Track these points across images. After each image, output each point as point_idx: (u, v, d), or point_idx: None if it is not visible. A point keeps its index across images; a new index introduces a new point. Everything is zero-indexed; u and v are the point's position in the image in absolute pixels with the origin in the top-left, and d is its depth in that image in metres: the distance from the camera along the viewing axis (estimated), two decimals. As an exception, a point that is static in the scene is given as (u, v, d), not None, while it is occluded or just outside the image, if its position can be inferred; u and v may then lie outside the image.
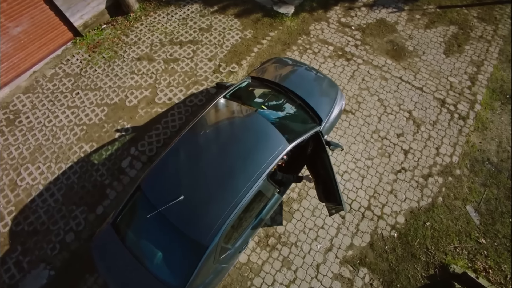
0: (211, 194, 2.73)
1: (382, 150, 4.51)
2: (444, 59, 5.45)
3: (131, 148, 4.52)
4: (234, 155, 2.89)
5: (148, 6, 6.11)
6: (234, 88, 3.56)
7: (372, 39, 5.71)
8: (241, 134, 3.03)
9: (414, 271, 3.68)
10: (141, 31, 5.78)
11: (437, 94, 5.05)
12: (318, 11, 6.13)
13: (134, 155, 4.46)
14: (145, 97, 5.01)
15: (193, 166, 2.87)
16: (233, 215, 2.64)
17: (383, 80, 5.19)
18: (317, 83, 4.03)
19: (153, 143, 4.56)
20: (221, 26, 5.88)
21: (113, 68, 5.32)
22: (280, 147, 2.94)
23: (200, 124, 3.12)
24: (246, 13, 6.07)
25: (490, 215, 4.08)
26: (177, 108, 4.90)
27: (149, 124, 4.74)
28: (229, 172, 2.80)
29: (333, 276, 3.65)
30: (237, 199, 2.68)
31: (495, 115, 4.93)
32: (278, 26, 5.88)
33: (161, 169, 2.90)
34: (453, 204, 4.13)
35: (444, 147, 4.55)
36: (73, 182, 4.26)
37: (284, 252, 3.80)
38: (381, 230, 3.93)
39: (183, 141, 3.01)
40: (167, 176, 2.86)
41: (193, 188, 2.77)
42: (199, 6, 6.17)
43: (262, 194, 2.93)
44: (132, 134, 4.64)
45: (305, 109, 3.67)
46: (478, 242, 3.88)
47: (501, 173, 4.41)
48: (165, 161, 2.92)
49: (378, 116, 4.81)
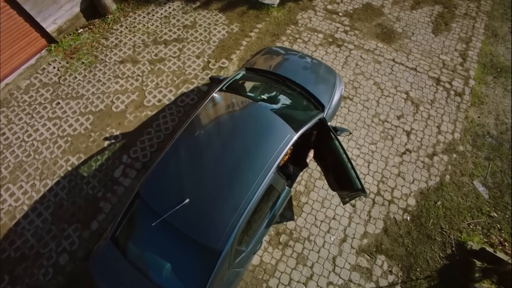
0: (219, 194, 2.50)
1: (384, 134, 4.42)
2: (433, 38, 5.44)
3: (123, 156, 4.21)
4: (239, 149, 2.68)
5: (126, 6, 5.79)
6: (229, 80, 3.34)
7: (360, 24, 5.63)
8: (244, 127, 2.82)
9: (431, 252, 3.58)
10: (121, 33, 5.46)
11: (431, 73, 5.02)
12: (303, 0, 6.00)
13: (127, 163, 4.16)
14: (132, 101, 4.70)
15: (196, 165, 2.64)
16: (246, 213, 2.42)
17: (376, 63, 5.11)
18: (314, 70, 3.88)
19: (146, 148, 4.27)
20: (205, 22, 5.64)
21: (95, 73, 4.97)
22: (287, 137, 2.75)
23: (198, 120, 2.89)
24: (230, 6, 5.86)
25: (497, 188, 4.06)
26: (168, 109, 4.62)
27: (140, 128, 4.44)
28: (236, 168, 2.59)
29: (351, 268, 3.50)
30: (248, 195, 2.47)
31: (489, 89, 4.96)
32: (265, 18, 5.71)
33: (160, 172, 2.65)
34: (460, 181, 4.08)
35: (444, 124, 4.51)
36: (62, 198, 3.90)
37: (298, 248, 3.62)
38: (394, 214, 3.82)
39: (181, 140, 2.76)
40: (168, 179, 2.61)
41: (198, 189, 2.53)
42: (180, 3, 5.90)
43: (273, 188, 2.73)
44: (123, 141, 4.33)
45: (306, 97, 3.50)
46: (490, 216, 3.84)
47: (502, 146, 4.41)
48: (164, 164, 2.67)
49: (376, 100, 4.72)
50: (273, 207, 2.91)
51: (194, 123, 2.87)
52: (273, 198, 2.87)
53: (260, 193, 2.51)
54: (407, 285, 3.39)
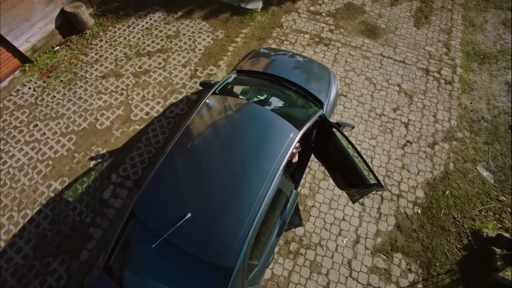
0: (224, 204, 2.26)
1: (383, 127, 4.33)
2: (416, 31, 5.54)
3: (111, 175, 3.88)
4: (241, 154, 2.46)
5: (105, 20, 5.58)
6: (220, 84, 3.16)
7: (344, 22, 5.68)
8: (243, 129, 2.62)
9: (448, 244, 3.43)
10: (101, 48, 5.22)
11: (419, 64, 5.06)
12: (286, 3, 6.01)
13: (117, 182, 3.83)
14: (118, 116, 4.42)
15: (195, 175, 2.39)
16: (256, 223, 2.18)
17: (365, 59, 5.11)
18: (306, 67, 3.78)
19: (137, 165, 3.97)
20: (189, 30, 5.51)
21: (75, 91, 4.67)
22: (291, 135, 2.57)
23: (193, 127, 2.66)
24: (213, 14, 5.78)
25: (501, 171, 4.02)
26: (157, 122, 4.37)
27: (128, 144, 4.14)
28: (239, 174, 2.36)
29: (368, 270, 3.28)
30: (256, 203, 2.24)
31: (476, 75, 5.03)
32: (249, 23, 5.65)
33: (155, 187, 2.38)
34: (464, 168, 4.01)
35: (440, 113, 4.49)
36: (44, 229, 3.50)
37: (310, 255, 3.38)
38: (404, 208, 3.67)
39: (176, 150, 2.52)
40: (164, 194, 2.34)
41: (199, 201, 2.28)
42: (161, 14, 5.76)
43: (281, 192, 2.52)
44: (110, 159, 4.01)
45: (303, 95, 3.37)
46: (499, 201, 3.76)
47: (498, 129, 4.43)
48: (159, 177, 2.40)
49: (370, 95, 4.67)
50: (282, 213, 2.69)
51: (189, 130, 2.64)
52: (282, 203, 2.64)
53: (269, 199, 2.29)
54: (429, 282, 3.20)
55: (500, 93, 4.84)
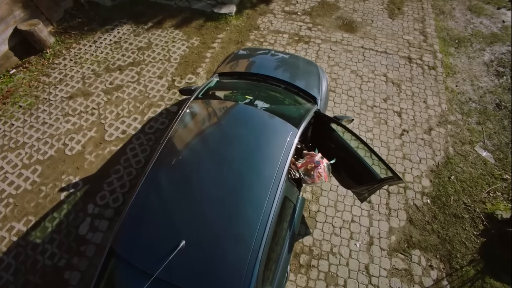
0: (224, 223, 1.90)
1: (377, 119, 4.17)
2: (392, 22, 5.57)
3: (87, 205, 3.38)
4: (237, 162, 2.13)
5: (67, 38, 5.13)
6: (202, 89, 2.82)
7: (321, 19, 5.61)
8: (235, 134, 2.30)
9: (465, 233, 3.23)
10: (65, 67, 4.74)
11: (401, 53, 5.03)
12: (260, 6, 5.88)
13: (94, 213, 3.32)
14: (91, 138, 3.94)
15: (184, 194, 2.02)
16: (265, 241, 1.83)
17: (347, 52, 5.01)
18: (292, 64, 3.56)
19: (117, 190, 3.49)
20: (162, 40, 5.18)
21: (38, 116, 4.14)
22: (290, 134, 2.27)
23: (176, 139, 2.30)
24: (186, 22, 5.50)
25: (498, 149, 3.96)
26: (136, 140, 3.93)
27: (105, 168, 3.66)
28: (238, 186, 2.02)
29: (388, 273, 2.99)
30: (262, 217, 1.89)
31: (455, 59, 5.08)
32: (224, 27, 5.43)
33: (137, 214, 1.97)
34: (464, 150, 3.91)
35: (430, 98, 4.43)
36: (7, 282, 2.91)
37: (323, 266, 3.04)
38: (413, 200, 3.46)
39: (158, 168, 2.14)
40: (149, 221, 1.94)
41: (194, 224, 1.90)
42: (130, 26, 5.40)
43: (287, 200, 2.19)
44: (85, 187, 3.51)
45: (293, 92, 3.12)
46: (504, 179, 3.66)
47: (486, 108, 4.42)
48: (139, 202, 2.00)
49: (358, 87, 4.53)
50: (291, 224, 2.35)
51: (171, 144, 2.27)
52: (289, 213, 2.31)
53: (276, 210, 1.95)
54: (454, 277, 2.96)
55: (481, 74, 4.89)
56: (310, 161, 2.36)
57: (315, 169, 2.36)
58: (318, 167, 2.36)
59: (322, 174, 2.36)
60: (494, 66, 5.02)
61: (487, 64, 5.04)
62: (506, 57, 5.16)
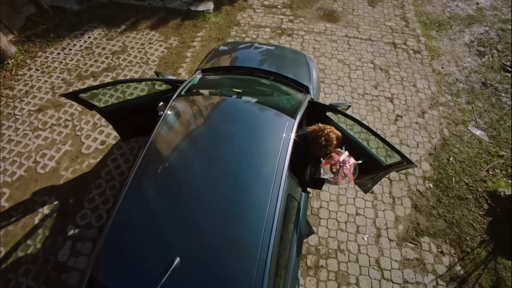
0: (223, 232, 1.65)
1: (369, 106, 4.07)
2: (372, 9, 5.54)
3: (67, 227, 3.02)
4: (232, 161, 1.90)
5: (32, 46, 4.70)
6: (184, 86, 2.55)
7: (302, 11, 5.48)
8: (227, 131, 2.06)
9: (471, 214, 3.15)
10: (31, 77, 4.32)
11: (385, 39, 4.98)
12: (238, 1, 5.68)
13: (75, 235, 2.97)
14: (66, 153, 3.57)
15: (175, 203, 1.76)
16: (271, 248, 1.60)
17: (332, 42, 4.91)
18: (279, 54, 3.37)
19: (99, 207, 3.15)
20: (137, 43, 4.86)
21: (2, 133, 3.72)
22: (286, 125, 2.07)
23: (160, 143, 2.03)
24: (162, 22, 5.21)
25: (490, 127, 3.95)
26: (117, 149, 3.60)
27: (84, 184, 3.31)
28: (235, 188, 1.79)
29: (400, 265, 2.85)
30: (267, 220, 1.67)
31: (438, 42, 5.09)
32: (203, 25, 5.18)
33: (120, 232, 1.69)
34: (458, 131, 3.87)
35: (419, 81, 4.38)
36: (-23, 325, 2.52)
37: (332, 266, 2.85)
38: (415, 186, 3.35)
39: (141, 177, 1.86)
40: (136, 238, 1.66)
41: (188, 237, 1.65)
42: (101, 30, 5.04)
43: (291, 198, 1.98)
44: (63, 207, 3.15)
45: (284, 83, 2.92)
46: (500, 156, 3.64)
47: (473, 87, 4.43)
48: (122, 218, 1.72)
49: (347, 76, 4.42)
50: (297, 224, 2.14)
51: (155, 148, 2.00)
52: (294, 212, 2.10)
53: (280, 211, 1.73)
54: (466, 261, 2.85)
55: (464, 54, 4.92)
56: (335, 159, 2.10)
57: (340, 168, 2.10)
58: (344, 167, 2.08)
59: (348, 175, 2.10)
60: (475, 46, 5.07)
61: (468, 45, 5.08)
62: (484, 37, 5.24)
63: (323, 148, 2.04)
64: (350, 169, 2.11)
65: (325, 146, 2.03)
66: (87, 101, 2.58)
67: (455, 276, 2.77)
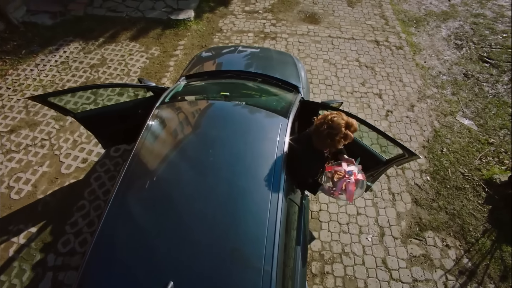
0: (221, 246, 1.49)
1: (359, 104, 4.04)
2: (352, 10, 5.63)
3: (47, 257, 2.73)
4: (225, 169, 1.75)
5: (1, 64, 4.42)
6: (168, 93, 2.39)
7: (283, 15, 5.50)
8: (218, 136, 1.92)
9: (470, 203, 3.11)
10: (1, 97, 4.04)
11: (367, 37, 5.05)
12: (219, 9, 5.64)
13: (57, 265, 2.69)
14: (43, 174, 3.29)
15: (165, 219, 1.58)
16: (276, 259, 1.45)
17: (316, 43, 4.92)
18: (265, 56, 3.31)
19: (83, 230, 2.89)
20: (117, 55, 4.68)
21: (-29, 158, 3.40)
22: (280, 125, 1.95)
23: (146, 154, 1.86)
24: (142, 32, 5.06)
25: (477, 115, 4.01)
26: (100, 167, 3.36)
27: (65, 207, 3.04)
28: (232, 198, 1.63)
29: (407, 263, 2.74)
30: (268, 230, 1.51)
31: (418, 37, 5.21)
32: (185, 33, 5.08)
33: (104, 257, 1.49)
34: (448, 122, 3.90)
35: (404, 76, 4.43)
36: None
37: (338, 271, 2.71)
38: (413, 180, 3.30)
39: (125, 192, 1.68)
40: (122, 262, 1.47)
41: (182, 255, 1.47)
42: (78, 44, 4.83)
43: (292, 203, 1.84)
44: (42, 235, 2.86)
45: (273, 84, 2.83)
46: (490, 143, 3.67)
47: (456, 79, 4.52)
48: (105, 241, 1.52)
49: (334, 75, 4.40)
50: (300, 232, 1.99)
51: (139, 160, 1.82)
52: (296, 218, 1.96)
53: (282, 218, 1.58)
54: (472, 252, 2.79)
55: (443, 48, 5.05)
56: (341, 168, 1.75)
57: (342, 179, 1.73)
58: (347, 178, 1.71)
59: (348, 190, 1.71)
60: (452, 40, 5.22)
61: (446, 39, 5.23)
62: (460, 31, 5.41)
63: (327, 138, 1.58)
64: (353, 185, 1.72)
65: (329, 135, 1.57)
66: (59, 106, 2.37)
67: (464, 270, 2.70)
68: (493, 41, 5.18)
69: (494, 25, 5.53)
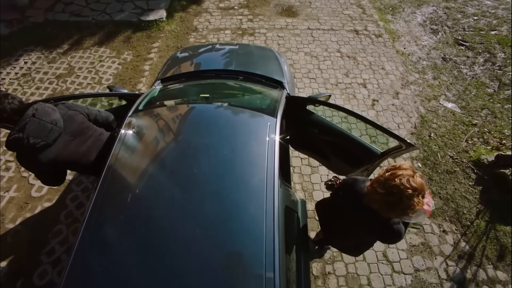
0: (218, 265, 1.32)
1: (345, 95, 3.97)
2: (328, 1, 5.57)
3: (21, 293, 2.45)
4: (213, 179, 1.58)
5: (-47, 81, 3.97)
6: (142, 99, 2.18)
7: (260, 9, 5.34)
8: (202, 144, 1.74)
9: (462, 186, 3.12)
10: (-44, 118, 3.60)
11: (346, 27, 5.00)
12: (192, 7, 5.39)
13: (34, 300, 2.41)
14: (10, 200, 2.97)
15: (145, 245, 1.39)
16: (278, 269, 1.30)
17: (296, 36, 4.80)
18: (244, 52, 3.13)
19: (62, 258, 2.62)
20: (86, 62, 4.34)
21: None
22: (268, 126, 1.80)
23: (120, 170, 1.64)
24: (111, 36, 4.73)
25: (459, 98, 4.05)
26: (76, 185, 3.08)
27: (39, 234, 2.75)
28: (222, 212, 1.46)
29: (408, 253, 2.70)
30: (266, 241, 1.36)
31: (395, 24, 5.23)
32: (158, 35, 4.80)
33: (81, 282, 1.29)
34: (432, 106, 3.91)
35: (386, 64, 4.41)
36: None
37: (340, 270, 2.61)
38: (405, 168, 3.27)
39: (98, 216, 1.47)
40: None
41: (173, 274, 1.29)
42: (40, 53, 4.44)
43: (289, 209, 1.70)
44: (12, 269, 2.56)
45: (255, 81, 2.67)
46: (474, 125, 3.72)
47: (436, 63, 4.56)
48: (78, 274, 1.32)
49: (317, 68, 4.31)
50: (299, 237, 1.86)
51: (113, 177, 1.60)
52: (295, 225, 1.82)
53: (280, 229, 1.43)
54: (469, 234, 2.79)
55: (420, 34, 5.09)
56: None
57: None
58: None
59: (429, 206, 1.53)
60: (428, 25, 5.28)
61: (422, 25, 5.28)
62: (434, 16, 5.49)
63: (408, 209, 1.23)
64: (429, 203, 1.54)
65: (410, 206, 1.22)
66: None
67: (462, 254, 2.69)
68: (466, 24, 5.28)
69: (465, 8, 5.65)
